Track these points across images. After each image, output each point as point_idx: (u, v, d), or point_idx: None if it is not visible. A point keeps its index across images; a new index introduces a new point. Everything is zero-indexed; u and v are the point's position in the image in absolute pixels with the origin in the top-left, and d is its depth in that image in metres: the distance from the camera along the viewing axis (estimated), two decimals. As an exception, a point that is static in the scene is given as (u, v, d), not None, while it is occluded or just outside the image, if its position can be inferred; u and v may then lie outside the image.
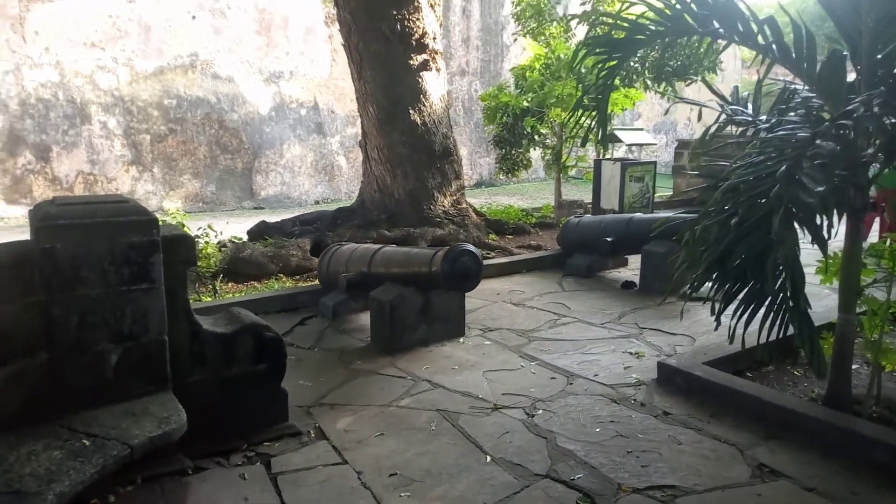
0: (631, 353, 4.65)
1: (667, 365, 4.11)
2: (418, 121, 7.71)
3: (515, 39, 10.66)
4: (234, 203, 15.16)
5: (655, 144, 11.83)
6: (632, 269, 7.12)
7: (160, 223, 3.10)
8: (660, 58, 9.40)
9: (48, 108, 13.36)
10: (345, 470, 3.20)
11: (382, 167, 7.89)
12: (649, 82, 9.85)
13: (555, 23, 9.96)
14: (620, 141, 9.13)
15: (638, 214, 6.77)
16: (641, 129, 10.79)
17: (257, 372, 3.46)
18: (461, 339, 4.97)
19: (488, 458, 3.27)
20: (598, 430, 3.54)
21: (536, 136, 9.80)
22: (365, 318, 5.17)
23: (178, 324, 3.22)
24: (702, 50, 8.42)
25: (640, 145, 10.78)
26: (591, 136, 4.16)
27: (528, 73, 9.25)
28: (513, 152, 10.04)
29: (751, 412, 3.59)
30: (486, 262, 7.23)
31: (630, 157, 10.42)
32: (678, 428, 3.54)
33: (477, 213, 8.75)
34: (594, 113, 4.09)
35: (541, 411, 3.78)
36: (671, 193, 12.19)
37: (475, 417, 3.72)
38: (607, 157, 9.08)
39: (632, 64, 9.90)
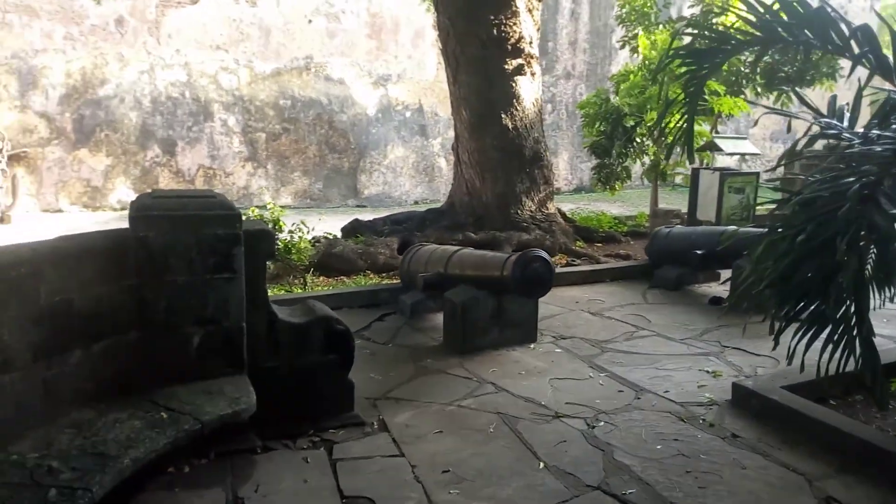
0: (707, 372, 4.49)
1: (742, 386, 3.94)
2: (510, 125, 7.76)
3: (622, 46, 10.43)
4: (339, 200, 15.81)
5: (758, 154, 11.15)
6: (724, 284, 6.81)
7: (245, 217, 3.35)
8: (772, 63, 8.91)
9: (176, 105, 14.50)
10: (401, 462, 3.32)
11: (472, 170, 8.00)
12: (759, 89, 9.35)
13: (661, 26, 9.67)
14: (720, 150, 8.74)
15: (732, 227, 6.48)
16: (745, 138, 10.22)
17: (327, 362, 3.65)
18: (532, 345, 4.98)
19: (541, 465, 3.29)
20: (658, 447, 3.47)
21: (636, 142, 9.52)
22: (440, 318, 5.29)
23: (257, 312, 3.46)
24: (816, 55, 7.91)
25: (743, 155, 10.23)
26: (676, 147, 4.05)
27: (631, 77, 9.02)
28: (610, 162, 9.65)
29: (827, 442, 3.39)
30: (569, 269, 7.20)
31: (743, 165, 9.89)
32: (745, 452, 3.40)
33: (566, 218, 8.68)
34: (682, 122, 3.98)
35: (602, 423, 3.74)
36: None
37: (535, 424, 3.74)
38: (707, 165, 8.72)
39: (742, 69, 9.47)
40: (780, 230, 2.67)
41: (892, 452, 3.16)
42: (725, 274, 6.84)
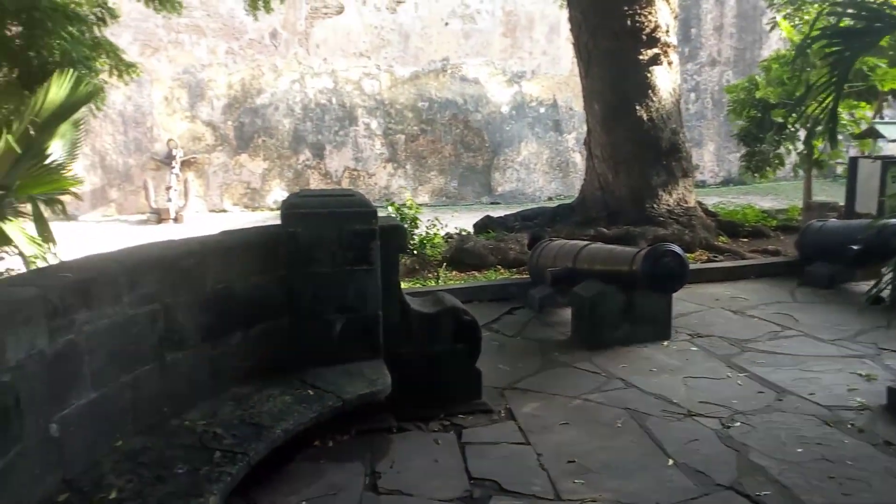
0: (860, 375, 4.16)
1: (899, 392, 3.63)
2: (644, 116, 7.56)
3: (771, 28, 9.75)
4: (473, 198, 16.11)
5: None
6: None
7: (380, 214, 3.59)
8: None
9: (324, 111, 15.49)
10: (526, 450, 3.41)
11: (605, 164, 7.88)
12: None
13: (814, 5, 8.95)
14: (882, 136, 7.91)
15: (894, 220, 5.90)
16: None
17: (455, 350, 3.82)
18: (665, 343, 4.86)
19: (670, 462, 3.24)
20: (799, 450, 3.29)
21: (787, 130, 8.90)
22: (568, 313, 5.30)
23: (390, 302, 3.69)
24: None
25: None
26: (818, 135, 3.80)
27: (773, 65, 8.45)
28: (760, 149, 9.18)
29: None
30: (709, 265, 6.89)
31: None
32: (900, 463, 3.14)
33: (707, 212, 8.29)
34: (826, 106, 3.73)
35: (738, 424, 3.61)
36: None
37: (665, 421, 3.68)
38: (867, 154, 7.95)
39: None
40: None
41: None
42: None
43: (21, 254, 4.86)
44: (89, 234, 11.42)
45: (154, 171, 14.50)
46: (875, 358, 4.45)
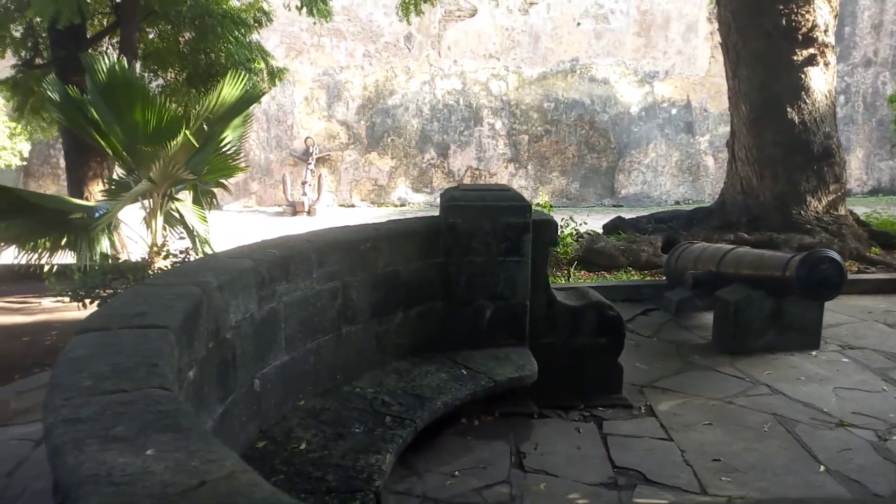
0: None
1: None
2: (796, 119, 7.23)
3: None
4: (594, 200, 15.94)
5: None
6: None
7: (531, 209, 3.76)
8: None
9: (451, 112, 15.90)
10: (669, 446, 3.46)
11: (749, 168, 7.61)
12: None
13: None
14: None
15: None
16: None
17: (598, 344, 3.92)
18: (813, 352, 4.69)
19: (821, 468, 3.19)
20: (968, 470, 3.13)
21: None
22: (708, 317, 5.22)
23: (538, 293, 3.85)
24: None
25: None
26: None
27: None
28: None
29: None
30: (861, 276, 6.52)
31: None
32: None
33: (859, 222, 7.80)
34: None
35: (897, 438, 3.47)
36: None
37: (815, 429, 3.60)
38: None
39: None
40: None
41: None
42: None
43: (190, 234, 5.48)
44: (232, 222, 12.41)
45: (291, 167, 15.51)
46: None
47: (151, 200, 5.15)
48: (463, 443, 3.49)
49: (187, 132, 4.86)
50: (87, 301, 4.44)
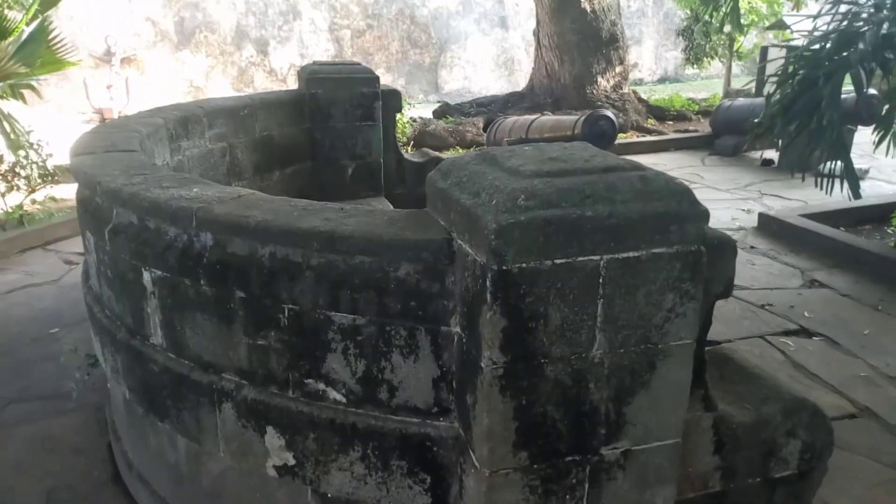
0: (743, 210, 5.47)
1: (766, 214, 4.94)
2: (588, 8, 8.46)
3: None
4: (421, 97, 16.68)
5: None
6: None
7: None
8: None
9: (266, 5, 15.42)
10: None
11: (552, 53, 8.81)
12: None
13: None
14: (788, 28, 9.06)
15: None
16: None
17: (439, 192, 4.86)
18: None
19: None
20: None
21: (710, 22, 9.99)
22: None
23: (389, 152, 4.68)
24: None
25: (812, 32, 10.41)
26: (718, 19, 4.86)
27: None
28: (698, 42, 10.34)
29: (825, 248, 4.40)
30: (637, 139, 8.10)
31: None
32: (757, 256, 4.45)
33: (639, 99, 9.41)
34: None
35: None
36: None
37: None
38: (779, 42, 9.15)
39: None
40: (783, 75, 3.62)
41: (871, 251, 4.15)
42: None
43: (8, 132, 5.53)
44: (43, 131, 11.62)
45: (93, 70, 14.30)
46: (757, 200, 5.78)
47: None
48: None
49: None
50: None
